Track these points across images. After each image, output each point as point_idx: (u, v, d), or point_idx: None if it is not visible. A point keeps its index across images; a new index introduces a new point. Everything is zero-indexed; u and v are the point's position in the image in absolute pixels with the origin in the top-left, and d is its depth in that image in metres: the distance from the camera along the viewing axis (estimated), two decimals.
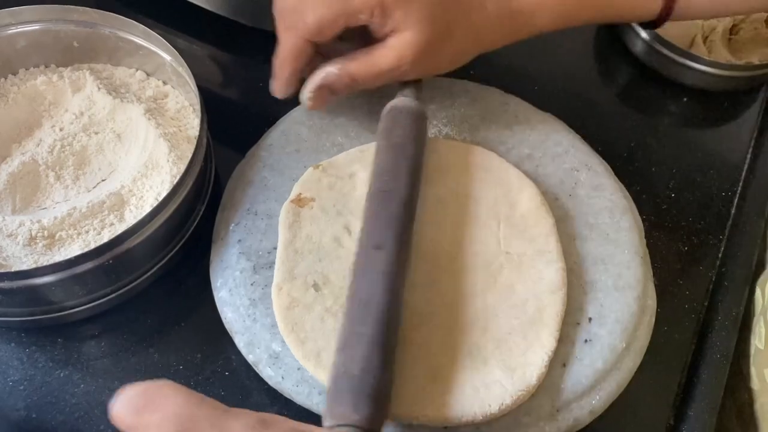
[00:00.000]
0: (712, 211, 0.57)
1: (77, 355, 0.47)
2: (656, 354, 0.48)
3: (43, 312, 0.46)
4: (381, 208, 0.44)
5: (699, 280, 0.54)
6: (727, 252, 0.56)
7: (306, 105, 0.50)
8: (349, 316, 0.39)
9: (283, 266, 0.46)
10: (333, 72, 0.48)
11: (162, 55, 0.53)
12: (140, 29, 0.53)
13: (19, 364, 0.46)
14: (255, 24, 0.60)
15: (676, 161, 0.60)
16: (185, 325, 0.48)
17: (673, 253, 0.55)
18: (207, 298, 0.48)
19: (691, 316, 0.52)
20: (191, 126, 0.53)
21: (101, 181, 0.52)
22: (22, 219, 0.48)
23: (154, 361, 0.47)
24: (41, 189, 0.51)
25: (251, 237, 0.48)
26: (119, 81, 0.56)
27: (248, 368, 0.45)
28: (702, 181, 0.59)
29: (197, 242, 0.50)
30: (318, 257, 0.46)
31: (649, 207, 0.56)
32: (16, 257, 0.47)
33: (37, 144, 0.52)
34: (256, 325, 0.45)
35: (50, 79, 0.54)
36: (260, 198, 0.49)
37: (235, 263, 0.47)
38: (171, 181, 0.49)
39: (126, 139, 0.53)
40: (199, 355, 0.47)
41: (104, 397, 0.45)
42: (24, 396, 0.45)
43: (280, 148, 0.52)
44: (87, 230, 0.48)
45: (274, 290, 0.45)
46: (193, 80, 0.50)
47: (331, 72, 0.48)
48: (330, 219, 0.48)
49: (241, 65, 0.62)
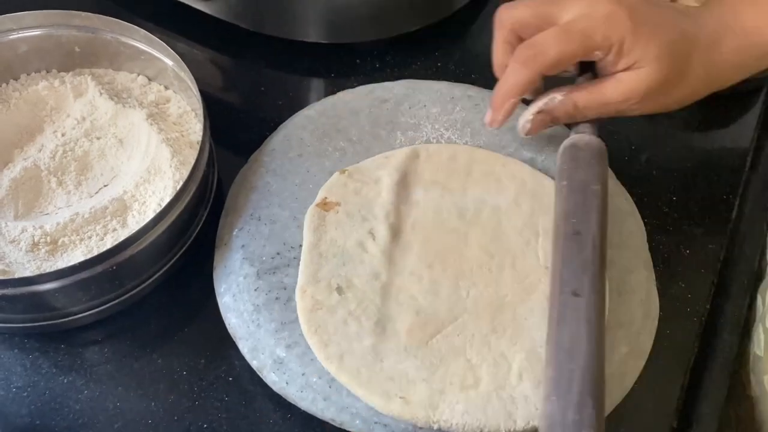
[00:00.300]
0: (713, 214, 0.57)
1: (80, 361, 0.47)
2: (659, 358, 0.48)
3: (46, 318, 0.46)
4: (575, 252, 0.43)
5: (701, 283, 0.54)
6: (728, 255, 0.56)
7: (522, 129, 0.50)
8: (556, 364, 0.39)
9: (307, 269, 0.46)
10: (557, 98, 0.48)
11: (164, 60, 0.53)
12: (142, 34, 0.53)
13: (22, 370, 0.46)
14: (256, 28, 0.60)
15: (677, 164, 0.60)
16: (189, 331, 0.48)
17: (675, 257, 0.55)
18: (210, 303, 0.48)
19: (693, 320, 0.52)
20: (193, 131, 0.53)
21: (103, 186, 0.52)
22: (25, 225, 0.48)
23: (158, 366, 0.46)
24: (43, 194, 0.51)
25: (255, 242, 0.48)
26: (121, 86, 0.56)
27: (252, 373, 0.45)
28: (703, 183, 0.59)
29: (200, 247, 0.50)
30: (342, 261, 0.46)
31: (651, 210, 0.56)
32: (19, 263, 0.47)
33: (39, 149, 0.52)
34: (260, 330, 0.45)
35: (52, 85, 0.54)
36: (263, 203, 0.49)
37: (238, 269, 0.47)
38: (174, 187, 0.49)
39: (128, 145, 0.53)
40: (203, 360, 0.47)
41: (108, 403, 0.45)
42: (27, 402, 0.45)
43: (283, 153, 0.52)
44: (90, 236, 0.48)
45: (298, 292, 0.45)
46: (195, 85, 0.50)
47: (555, 98, 0.48)
48: (355, 223, 0.48)
49: (242, 70, 0.62)
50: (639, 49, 0.45)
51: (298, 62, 0.61)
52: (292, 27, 0.59)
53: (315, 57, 0.61)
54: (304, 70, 0.61)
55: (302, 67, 0.61)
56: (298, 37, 0.60)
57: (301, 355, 0.44)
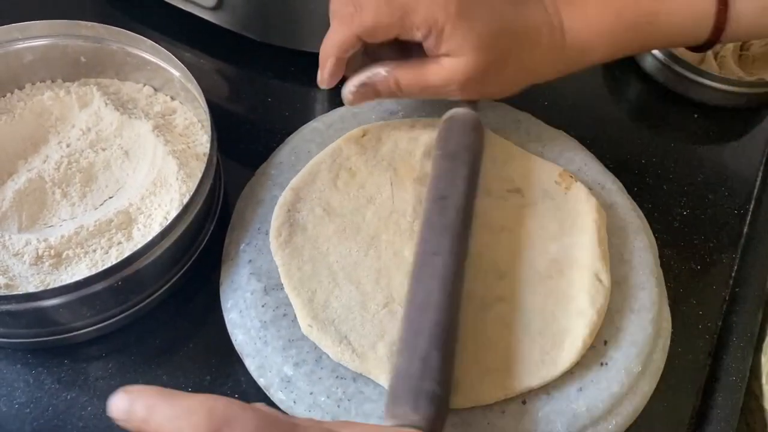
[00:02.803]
0: (724, 229, 0.57)
1: (84, 376, 0.46)
2: (671, 376, 0.48)
3: (49, 333, 0.45)
4: (438, 215, 0.44)
5: (712, 299, 0.53)
6: (740, 270, 0.55)
7: (347, 100, 0.50)
8: (408, 320, 0.40)
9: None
10: (380, 73, 0.48)
11: (170, 71, 0.53)
12: (148, 44, 0.52)
13: (25, 386, 0.45)
14: (263, 39, 0.60)
15: (687, 178, 0.59)
16: (194, 346, 0.47)
17: (686, 272, 0.54)
18: (216, 318, 0.47)
19: (705, 337, 0.51)
20: (200, 143, 0.52)
21: (108, 198, 0.51)
22: (29, 237, 0.47)
23: (163, 382, 0.46)
24: (47, 206, 0.50)
25: (262, 257, 0.47)
26: (126, 96, 0.55)
27: (258, 391, 0.44)
28: (714, 198, 0.59)
29: (206, 261, 0.49)
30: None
31: (661, 225, 0.56)
32: (23, 277, 0.46)
33: (43, 160, 0.52)
34: (268, 348, 0.44)
35: (57, 95, 0.54)
36: (270, 217, 0.49)
37: (245, 284, 0.46)
38: (180, 200, 0.48)
39: (134, 156, 0.52)
40: (209, 377, 0.46)
41: (111, 419, 0.44)
42: (30, 419, 0.44)
43: (290, 166, 0.52)
44: (94, 249, 0.47)
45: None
46: (202, 96, 0.50)
47: (379, 73, 0.48)
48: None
49: (249, 80, 0.61)
50: (458, 37, 0.46)
51: (306, 73, 0.61)
52: (300, 37, 0.59)
53: None
54: (311, 81, 0.60)
55: (310, 79, 0.60)
56: (305, 48, 0.59)
57: (309, 374, 0.43)
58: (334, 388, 0.43)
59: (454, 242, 0.43)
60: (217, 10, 0.59)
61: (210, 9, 0.59)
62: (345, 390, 0.43)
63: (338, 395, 0.42)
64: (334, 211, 0.48)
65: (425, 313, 0.40)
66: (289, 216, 0.48)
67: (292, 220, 0.48)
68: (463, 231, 0.44)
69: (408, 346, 0.39)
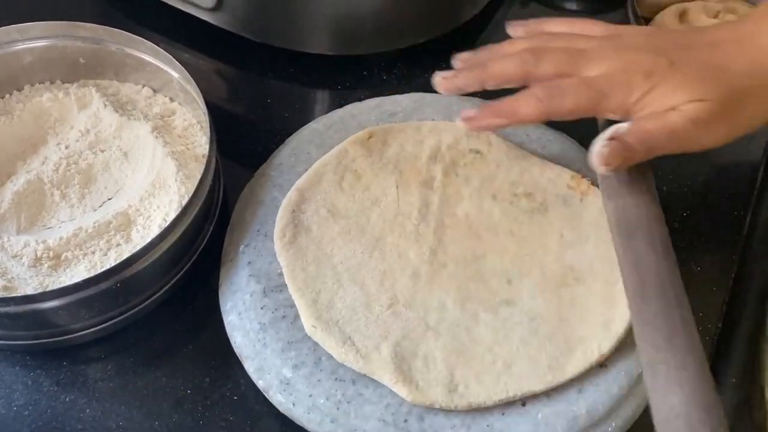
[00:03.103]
0: (724, 231, 0.57)
1: (83, 378, 0.46)
2: None
3: (48, 335, 0.45)
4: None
5: (712, 300, 0.53)
6: (740, 272, 0.55)
7: (599, 157, 0.43)
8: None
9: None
10: (623, 126, 0.44)
11: (169, 72, 0.53)
12: (147, 45, 0.52)
13: (23, 388, 0.45)
14: (263, 40, 0.59)
15: (687, 180, 0.59)
16: (193, 348, 0.47)
17: (686, 274, 0.54)
18: (215, 320, 0.47)
19: (705, 338, 0.51)
20: (199, 144, 0.52)
21: (107, 200, 0.51)
22: (27, 239, 0.47)
23: (162, 384, 0.46)
24: (46, 208, 0.50)
25: (261, 259, 0.47)
26: (126, 98, 0.55)
27: (257, 393, 0.44)
28: (714, 200, 0.58)
29: (205, 263, 0.49)
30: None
31: None
32: (21, 279, 0.46)
33: (42, 162, 0.52)
34: (267, 350, 0.44)
35: (56, 96, 0.54)
36: (270, 219, 0.49)
37: (245, 286, 0.46)
38: (179, 201, 0.48)
39: (133, 158, 0.52)
40: (208, 378, 0.46)
41: (110, 422, 0.44)
42: (29, 421, 0.44)
43: (290, 167, 0.52)
44: (93, 251, 0.47)
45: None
46: (201, 98, 0.49)
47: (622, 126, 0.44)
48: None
49: (249, 82, 0.61)
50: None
51: (305, 74, 0.61)
52: (299, 38, 0.59)
53: (322, 69, 0.61)
54: (311, 82, 0.61)
55: (309, 80, 0.61)
56: (305, 49, 0.59)
57: (308, 376, 0.43)
58: (334, 390, 0.43)
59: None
60: (216, 11, 0.59)
61: (209, 10, 0.59)
62: (344, 392, 0.43)
63: (337, 397, 0.42)
64: (339, 212, 0.48)
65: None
66: (293, 217, 0.48)
67: (297, 221, 0.48)
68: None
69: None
